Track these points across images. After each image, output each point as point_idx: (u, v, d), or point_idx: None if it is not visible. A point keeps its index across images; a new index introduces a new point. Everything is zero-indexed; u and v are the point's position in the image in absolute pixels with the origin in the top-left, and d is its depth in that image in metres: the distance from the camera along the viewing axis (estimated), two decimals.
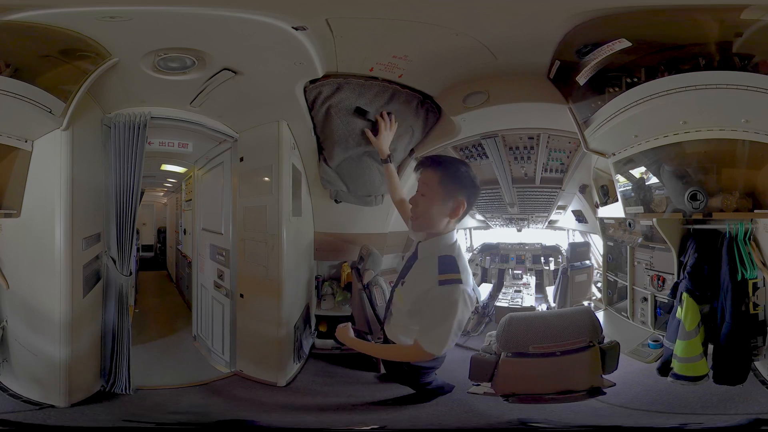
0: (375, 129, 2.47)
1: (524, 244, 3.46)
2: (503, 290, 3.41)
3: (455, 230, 2.03)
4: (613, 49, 2.10)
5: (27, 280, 2.28)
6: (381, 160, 2.43)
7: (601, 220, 2.88)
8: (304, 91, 2.38)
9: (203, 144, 2.83)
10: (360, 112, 2.46)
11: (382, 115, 2.45)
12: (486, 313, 3.15)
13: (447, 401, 2.30)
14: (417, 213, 2.00)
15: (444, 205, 1.95)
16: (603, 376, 2.30)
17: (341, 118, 2.47)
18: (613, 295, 2.97)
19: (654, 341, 2.55)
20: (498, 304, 3.23)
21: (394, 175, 2.42)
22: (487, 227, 3.40)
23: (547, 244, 3.45)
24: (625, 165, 2.45)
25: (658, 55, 2.15)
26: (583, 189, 2.86)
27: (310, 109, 2.46)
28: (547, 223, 3.25)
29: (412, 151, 2.73)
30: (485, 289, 3.40)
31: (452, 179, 1.96)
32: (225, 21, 1.95)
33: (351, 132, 2.51)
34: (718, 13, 1.97)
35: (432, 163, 1.99)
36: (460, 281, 1.90)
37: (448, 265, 1.93)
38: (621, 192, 2.50)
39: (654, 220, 2.45)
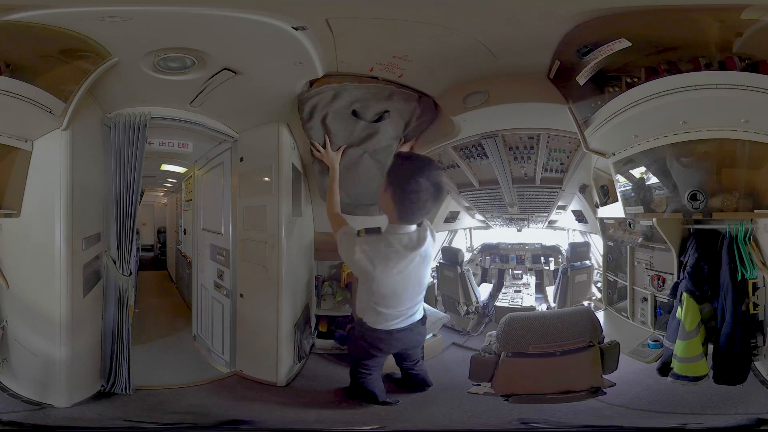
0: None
1: (524, 244, 3.46)
2: (503, 290, 3.40)
3: None
4: (613, 49, 2.09)
5: (27, 280, 2.28)
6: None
7: (601, 220, 2.88)
8: (299, 104, 2.39)
9: (203, 144, 2.82)
10: (355, 114, 2.46)
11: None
12: (486, 313, 3.14)
13: (447, 401, 2.30)
14: None
15: None
16: (603, 376, 2.30)
17: (340, 123, 2.47)
18: (613, 295, 2.97)
19: (654, 341, 2.55)
20: (498, 304, 3.23)
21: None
22: (487, 227, 3.40)
23: (547, 244, 3.45)
24: (625, 165, 2.45)
25: (658, 55, 2.15)
26: (583, 189, 2.86)
27: (305, 121, 2.45)
28: (547, 223, 3.24)
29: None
30: (485, 289, 3.40)
31: None
32: (225, 21, 1.95)
33: (350, 136, 2.51)
34: (718, 13, 1.97)
35: None
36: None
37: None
38: (621, 192, 2.50)
39: (654, 220, 2.45)
